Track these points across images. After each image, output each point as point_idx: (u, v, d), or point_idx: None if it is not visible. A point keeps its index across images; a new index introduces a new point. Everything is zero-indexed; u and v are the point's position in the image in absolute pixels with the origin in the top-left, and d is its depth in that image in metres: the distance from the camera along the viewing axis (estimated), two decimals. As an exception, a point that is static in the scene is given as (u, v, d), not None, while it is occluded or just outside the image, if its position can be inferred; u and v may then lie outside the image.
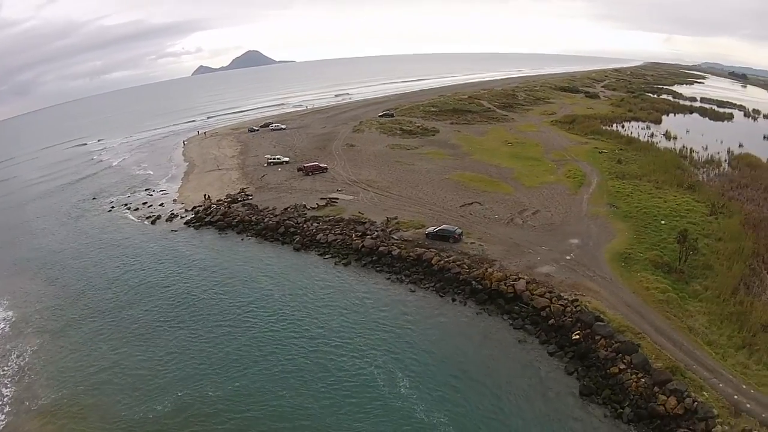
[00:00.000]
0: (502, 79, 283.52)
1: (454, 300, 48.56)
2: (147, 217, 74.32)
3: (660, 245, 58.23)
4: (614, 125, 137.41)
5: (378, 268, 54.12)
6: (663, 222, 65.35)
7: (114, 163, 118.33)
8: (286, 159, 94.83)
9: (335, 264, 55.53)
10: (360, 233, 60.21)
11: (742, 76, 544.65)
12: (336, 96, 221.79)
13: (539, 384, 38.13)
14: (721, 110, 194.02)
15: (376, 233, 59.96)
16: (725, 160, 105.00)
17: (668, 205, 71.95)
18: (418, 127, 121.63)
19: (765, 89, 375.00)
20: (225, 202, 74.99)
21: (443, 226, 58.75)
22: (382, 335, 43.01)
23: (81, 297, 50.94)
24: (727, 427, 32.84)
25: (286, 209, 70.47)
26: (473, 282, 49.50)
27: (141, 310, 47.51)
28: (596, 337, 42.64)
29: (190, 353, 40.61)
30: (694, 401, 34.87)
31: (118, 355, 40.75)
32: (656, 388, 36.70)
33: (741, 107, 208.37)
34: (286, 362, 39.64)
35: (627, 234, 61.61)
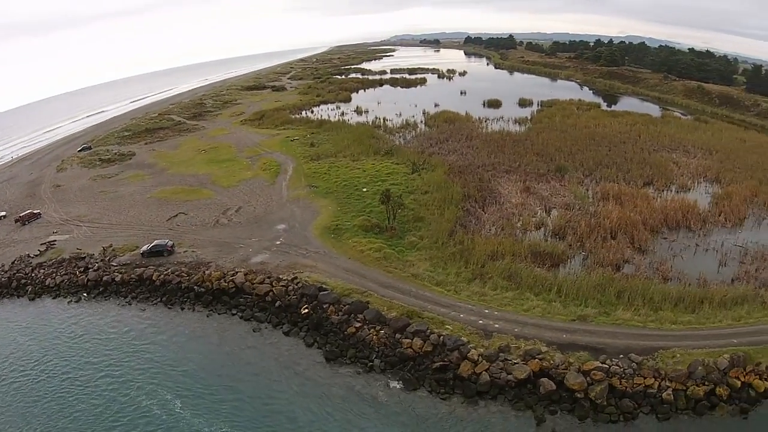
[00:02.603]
0: (190, 90, 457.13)
1: (183, 308, 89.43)
2: None
3: (366, 210, 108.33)
4: (303, 112, 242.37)
5: (107, 297, 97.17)
6: (365, 189, 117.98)
7: None
8: (3, 213, 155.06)
9: (68, 303, 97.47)
10: (82, 268, 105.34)
11: (434, 42, 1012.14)
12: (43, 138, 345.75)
13: (286, 363, 71.83)
14: (413, 77, 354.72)
15: (96, 265, 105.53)
16: (421, 121, 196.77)
17: (368, 173, 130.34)
18: (116, 153, 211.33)
19: (457, 49, 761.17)
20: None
21: (155, 242, 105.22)
22: (131, 360, 76.53)
23: None
24: (482, 349, 69.12)
25: (13, 263, 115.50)
26: (195, 287, 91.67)
27: None
28: (324, 306, 78.73)
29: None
30: (439, 336, 70.97)
31: None
32: (398, 335, 72.18)
33: (435, 70, 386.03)
34: (53, 410, 69.05)
35: (331, 208, 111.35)
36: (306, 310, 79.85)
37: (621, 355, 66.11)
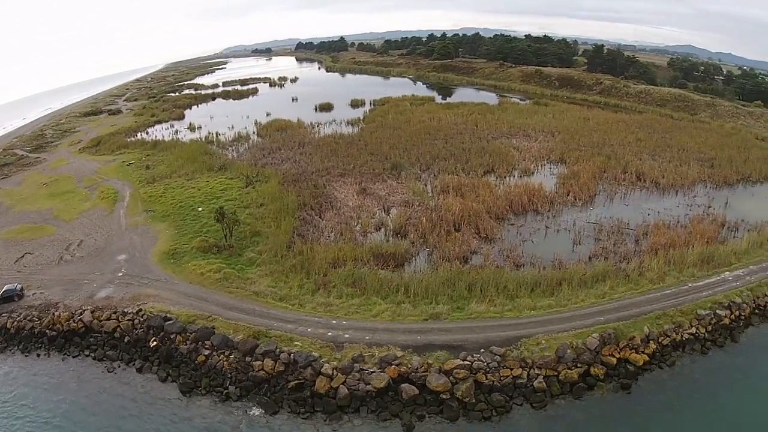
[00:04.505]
0: (32, 121, 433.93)
1: (39, 355, 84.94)
2: None
3: (203, 231, 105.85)
4: (139, 134, 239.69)
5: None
6: (201, 209, 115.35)
7: None
8: None
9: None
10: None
11: (266, 51, 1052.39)
12: None
13: (144, 403, 68.67)
14: (245, 88, 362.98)
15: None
16: (254, 132, 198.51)
17: (203, 191, 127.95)
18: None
19: (289, 56, 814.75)
20: None
21: (5, 288, 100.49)
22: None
23: None
24: (335, 362, 68.02)
25: None
26: (47, 331, 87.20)
27: None
28: (172, 336, 75.76)
29: None
30: (289, 354, 69.31)
31: None
32: (248, 358, 70.07)
33: (266, 79, 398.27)
34: None
35: (169, 232, 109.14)
36: (155, 343, 77.30)
37: (482, 350, 66.37)
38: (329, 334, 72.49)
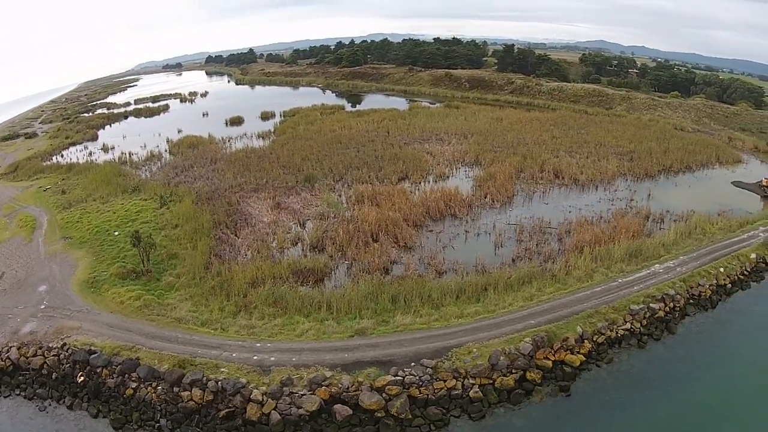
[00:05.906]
0: None
1: None
2: None
3: (120, 256, 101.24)
4: (54, 158, 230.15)
5: None
6: (117, 233, 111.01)
7: None
8: None
9: None
10: None
11: (177, 66, 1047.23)
12: None
13: None
14: (156, 105, 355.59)
15: None
16: (166, 150, 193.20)
17: (118, 215, 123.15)
18: None
19: (199, 70, 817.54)
20: None
21: None
22: None
23: None
24: (264, 387, 64.90)
25: None
26: None
27: None
28: (98, 370, 71.55)
29: None
30: (217, 382, 65.91)
31: None
32: (176, 389, 66.47)
33: (177, 95, 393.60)
34: None
35: (87, 259, 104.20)
36: (82, 378, 73.23)
37: (413, 363, 64.09)
38: (255, 357, 69.40)
